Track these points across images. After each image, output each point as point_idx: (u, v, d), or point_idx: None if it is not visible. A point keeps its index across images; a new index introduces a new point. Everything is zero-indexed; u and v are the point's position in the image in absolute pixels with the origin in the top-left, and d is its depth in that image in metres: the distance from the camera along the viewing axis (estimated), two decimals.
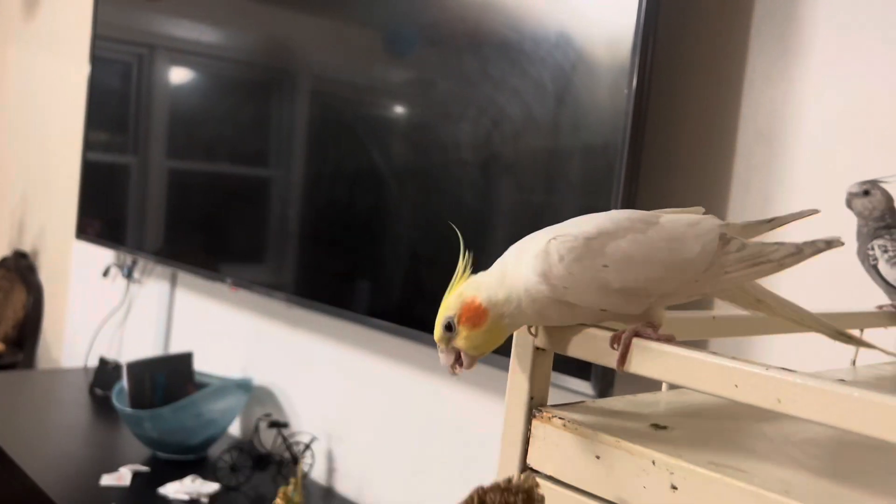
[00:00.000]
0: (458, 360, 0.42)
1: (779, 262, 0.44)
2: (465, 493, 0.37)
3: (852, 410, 0.32)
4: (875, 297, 0.74)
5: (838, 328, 0.51)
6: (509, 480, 0.35)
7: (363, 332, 1.46)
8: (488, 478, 1.26)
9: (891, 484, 0.39)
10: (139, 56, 2.09)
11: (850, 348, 0.68)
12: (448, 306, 0.42)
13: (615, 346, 0.39)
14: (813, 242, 0.46)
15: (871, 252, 0.71)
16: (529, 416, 0.44)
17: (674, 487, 0.38)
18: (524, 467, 0.44)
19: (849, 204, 0.71)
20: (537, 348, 0.44)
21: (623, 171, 0.96)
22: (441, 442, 1.37)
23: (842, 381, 0.34)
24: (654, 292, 0.41)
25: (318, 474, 1.57)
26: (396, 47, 1.39)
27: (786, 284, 0.87)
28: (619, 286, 0.40)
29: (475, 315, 0.40)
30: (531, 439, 0.44)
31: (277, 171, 1.61)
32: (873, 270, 0.71)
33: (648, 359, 0.39)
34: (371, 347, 1.48)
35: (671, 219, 0.43)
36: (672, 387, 0.56)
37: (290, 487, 1.43)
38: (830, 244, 0.46)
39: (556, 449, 0.43)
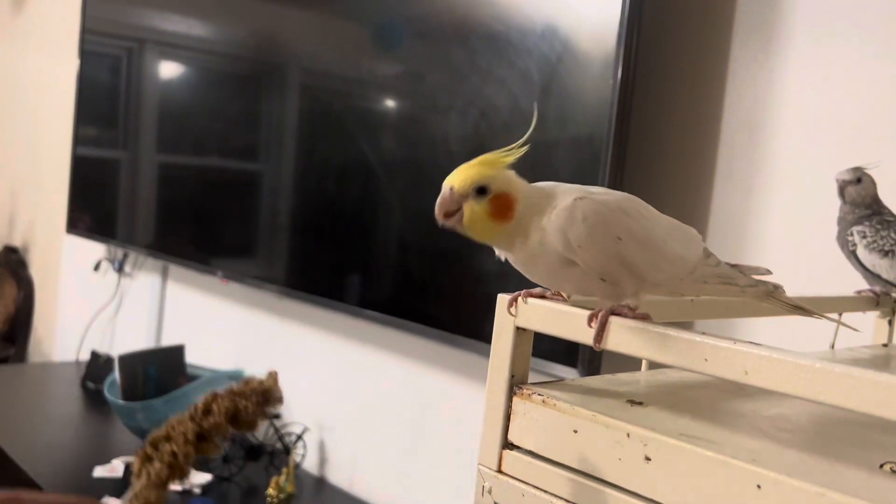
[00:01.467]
0: (453, 215, 0.42)
1: (741, 288, 0.49)
2: (456, 480, 0.37)
3: (815, 381, 0.33)
4: (853, 283, 0.75)
5: (796, 303, 0.54)
6: (245, 383, 0.35)
7: (353, 323, 1.47)
8: (475, 467, 1.28)
9: (856, 455, 0.40)
10: (128, 50, 2.09)
11: (829, 333, 0.69)
12: (493, 176, 0.42)
13: (592, 324, 0.41)
14: (765, 283, 0.51)
15: (850, 238, 0.73)
16: (510, 394, 0.46)
17: (647, 459, 0.39)
18: (505, 443, 0.46)
19: (842, 192, 0.72)
20: (518, 328, 0.45)
21: (609, 160, 0.98)
22: (431, 431, 1.38)
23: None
24: (648, 278, 0.43)
25: (309, 465, 1.58)
26: (385, 40, 1.40)
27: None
28: (626, 261, 0.42)
29: (504, 209, 0.41)
30: (512, 416, 0.45)
31: (267, 165, 1.62)
32: (852, 256, 0.72)
33: (624, 335, 0.40)
34: (361, 338, 1.50)
35: (667, 217, 0.46)
36: (652, 367, 0.57)
37: (283, 477, 1.45)
38: (777, 288, 0.52)
39: (535, 424, 0.44)
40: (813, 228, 0.94)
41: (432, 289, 1.26)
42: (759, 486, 0.35)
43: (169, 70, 2.00)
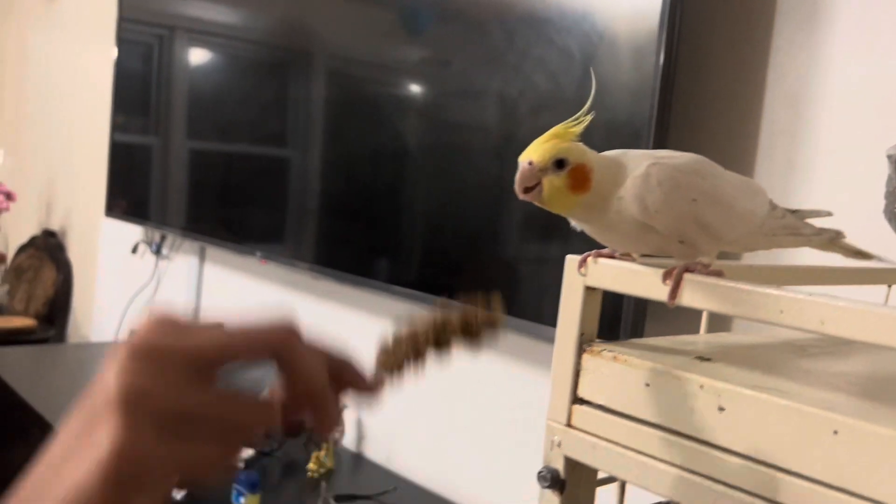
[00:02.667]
0: (531, 190, 0.42)
1: (807, 237, 0.50)
2: (490, 454, 0.38)
3: (890, 327, 0.35)
4: None
5: (856, 248, 0.56)
6: (474, 304, 0.38)
7: (386, 301, 1.50)
8: (515, 443, 1.30)
9: None
10: (160, 37, 2.12)
11: (881, 295, 0.70)
12: (570, 148, 0.42)
13: (667, 281, 0.42)
14: (828, 230, 0.53)
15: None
16: (580, 351, 0.47)
17: (721, 409, 0.41)
18: (575, 399, 0.47)
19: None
20: (587, 287, 0.47)
21: (651, 138, 0.98)
22: (468, 407, 1.40)
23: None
24: (723, 236, 0.44)
25: (348, 441, 1.61)
26: (414, 24, 1.41)
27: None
28: (702, 221, 0.43)
29: (582, 180, 0.42)
30: (581, 372, 0.47)
31: (297, 149, 1.64)
32: None
33: (698, 291, 0.41)
34: (395, 315, 1.52)
35: (732, 173, 0.47)
36: (709, 332, 0.59)
37: (322, 453, 1.48)
38: (839, 234, 0.54)
39: (606, 380, 0.46)
40: (856, 204, 0.94)
41: (464, 268, 1.28)
42: (835, 432, 0.36)
43: (199, 57, 2.03)
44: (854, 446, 0.36)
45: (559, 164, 0.42)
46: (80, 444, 0.28)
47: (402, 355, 0.37)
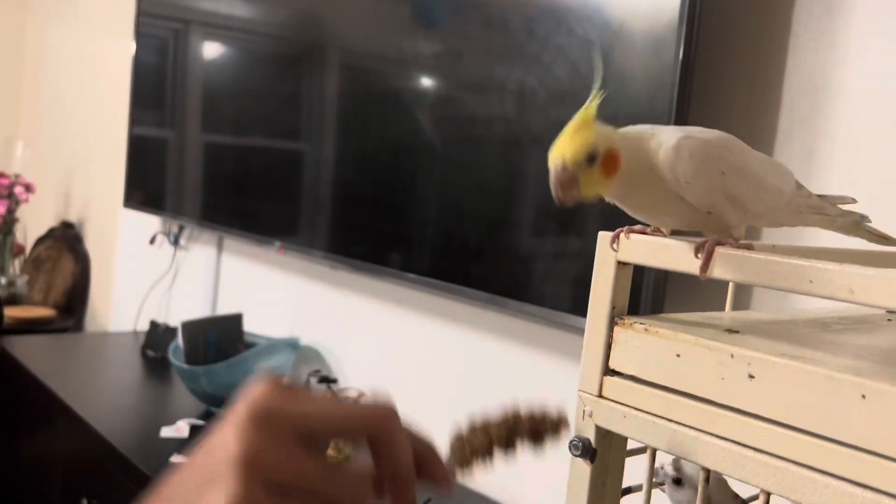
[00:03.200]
0: (569, 191, 0.42)
1: (832, 218, 0.51)
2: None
3: None
4: None
5: (879, 232, 0.57)
6: (544, 411, 0.40)
7: (403, 291, 1.52)
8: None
9: None
10: (175, 32, 2.14)
11: None
12: (597, 138, 0.42)
13: (699, 255, 0.44)
14: (853, 213, 0.55)
15: None
16: (611, 324, 0.49)
17: (751, 377, 0.42)
18: (606, 370, 0.49)
19: None
20: (619, 262, 0.48)
21: (672, 123, 0.99)
22: (483, 394, 1.42)
23: None
24: (750, 208, 0.46)
25: None
26: (427, 17, 1.42)
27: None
28: (730, 193, 0.45)
29: (613, 165, 0.43)
30: (613, 345, 0.49)
31: (316, 140, 1.66)
32: None
33: (729, 264, 0.43)
34: (412, 306, 1.54)
35: (759, 153, 0.48)
36: (734, 308, 0.60)
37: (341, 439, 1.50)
38: (864, 218, 0.55)
39: (637, 351, 0.47)
40: (875, 192, 0.95)
41: (480, 256, 1.30)
42: (863, 396, 0.38)
43: (214, 51, 2.05)
44: (882, 410, 0.37)
45: (591, 158, 0.42)
46: (198, 496, 0.30)
47: (475, 448, 0.39)
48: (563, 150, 0.42)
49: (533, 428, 0.39)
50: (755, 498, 0.56)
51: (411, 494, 0.34)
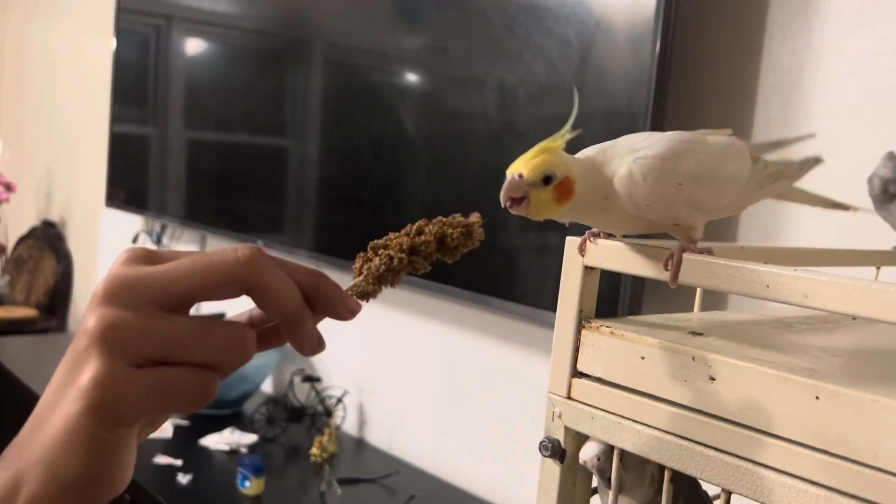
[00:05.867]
0: (516, 202, 0.44)
1: (792, 176, 0.51)
2: (491, 437, 0.40)
3: (871, 300, 0.37)
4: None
5: (834, 200, 0.58)
6: (452, 217, 0.39)
7: (387, 289, 1.52)
8: (512, 426, 1.34)
9: None
10: (157, 28, 2.13)
11: (872, 271, 0.72)
12: (557, 163, 0.43)
13: (668, 266, 0.44)
14: (806, 160, 0.56)
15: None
16: (579, 327, 0.50)
17: (712, 379, 0.43)
18: (574, 372, 0.50)
19: (884, 187, 0.72)
20: (586, 266, 0.49)
21: (648, 124, 1.00)
22: (466, 392, 1.43)
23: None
24: (714, 206, 0.47)
25: (349, 426, 1.64)
26: (411, 12, 1.42)
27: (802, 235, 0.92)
28: (692, 201, 0.46)
29: (566, 192, 0.44)
30: (580, 347, 0.49)
31: (300, 136, 1.66)
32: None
33: (692, 270, 0.44)
34: (396, 304, 1.54)
35: (713, 140, 0.49)
36: (704, 311, 0.61)
37: (325, 438, 1.51)
38: (818, 161, 0.57)
39: (603, 353, 0.48)
40: (849, 189, 0.96)
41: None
42: (817, 398, 0.39)
43: (197, 47, 2.04)
44: (835, 410, 0.38)
45: (546, 179, 0.44)
46: (67, 385, 0.31)
47: (376, 265, 0.37)
48: (523, 165, 0.44)
49: (439, 233, 0.37)
50: (717, 497, 0.57)
51: (307, 330, 0.33)
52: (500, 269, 1.24)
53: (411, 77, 1.43)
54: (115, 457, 0.30)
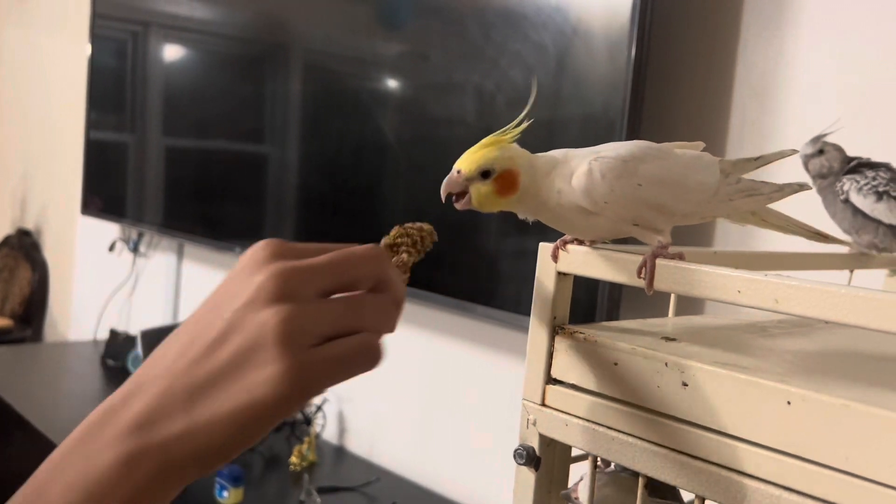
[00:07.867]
0: (460, 197, 0.46)
1: (767, 195, 0.52)
2: (472, 444, 0.40)
3: (840, 304, 0.37)
4: None
5: (815, 230, 0.58)
6: (414, 224, 0.43)
7: None
8: (493, 433, 1.33)
9: (875, 378, 0.44)
10: (133, 34, 2.11)
11: (845, 278, 0.73)
12: (497, 157, 0.45)
13: (642, 274, 0.44)
14: (790, 184, 0.55)
15: (841, 187, 0.69)
16: (553, 334, 0.49)
17: (684, 384, 0.43)
18: (548, 379, 0.50)
19: (805, 166, 0.72)
20: (560, 273, 0.49)
21: (625, 129, 1.01)
22: (447, 399, 1.42)
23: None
24: (677, 211, 0.47)
25: (329, 434, 1.63)
26: (391, 19, 1.42)
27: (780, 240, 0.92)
28: (652, 202, 0.46)
29: (508, 185, 0.45)
30: (554, 353, 0.49)
31: (279, 143, 1.65)
32: (848, 206, 0.68)
33: (665, 275, 0.44)
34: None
35: (681, 151, 0.49)
36: (677, 314, 0.61)
37: (304, 446, 1.49)
38: (802, 187, 0.55)
39: (577, 360, 0.48)
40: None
41: (444, 260, 1.30)
42: (788, 403, 0.39)
43: (174, 53, 2.03)
44: (805, 415, 0.38)
45: (485, 174, 0.45)
46: (243, 374, 0.32)
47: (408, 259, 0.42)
48: (462, 161, 0.46)
49: (413, 241, 0.43)
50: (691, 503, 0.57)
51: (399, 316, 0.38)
52: (480, 275, 1.24)
53: (390, 83, 1.42)
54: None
